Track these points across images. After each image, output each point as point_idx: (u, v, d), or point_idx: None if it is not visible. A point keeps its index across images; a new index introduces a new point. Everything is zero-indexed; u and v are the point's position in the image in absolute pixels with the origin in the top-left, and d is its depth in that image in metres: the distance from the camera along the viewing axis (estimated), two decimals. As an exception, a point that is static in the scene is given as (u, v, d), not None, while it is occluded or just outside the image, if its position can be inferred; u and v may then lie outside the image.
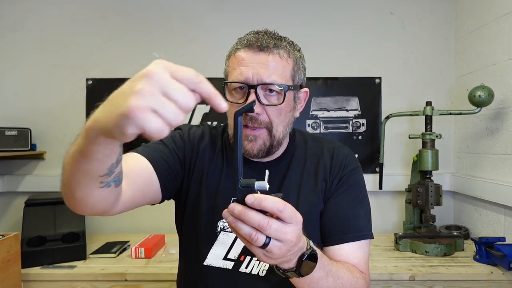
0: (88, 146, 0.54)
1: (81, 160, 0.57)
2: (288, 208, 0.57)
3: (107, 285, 1.45)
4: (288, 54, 0.87)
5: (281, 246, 0.58)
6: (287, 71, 0.87)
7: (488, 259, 1.47)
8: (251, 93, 0.83)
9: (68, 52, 2.05)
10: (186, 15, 2.06)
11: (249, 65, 0.84)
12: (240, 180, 0.57)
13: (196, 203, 0.94)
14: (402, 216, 1.99)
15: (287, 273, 0.68)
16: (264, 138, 0.87)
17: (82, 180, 0.61)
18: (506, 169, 1.63)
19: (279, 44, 0.86)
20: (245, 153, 0.88)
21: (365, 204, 0.96)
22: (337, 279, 0.77)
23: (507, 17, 1.62)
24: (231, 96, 0.88)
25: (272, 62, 0.84)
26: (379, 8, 2.05)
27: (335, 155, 0.97)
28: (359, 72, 2.06)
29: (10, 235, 1.38)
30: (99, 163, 0.58)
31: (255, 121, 0.85)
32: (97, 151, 0.55)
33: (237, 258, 0.92)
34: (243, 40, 0.87)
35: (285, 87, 0.85)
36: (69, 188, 0.65)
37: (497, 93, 1.65)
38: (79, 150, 0.56)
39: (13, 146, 1.85)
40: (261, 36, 0.86)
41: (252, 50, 0.85)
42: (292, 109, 0.92)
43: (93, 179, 0.61)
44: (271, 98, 0.86)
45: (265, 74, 0.83)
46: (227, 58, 0.92)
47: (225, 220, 0.58)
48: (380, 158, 1.93)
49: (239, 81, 0.84)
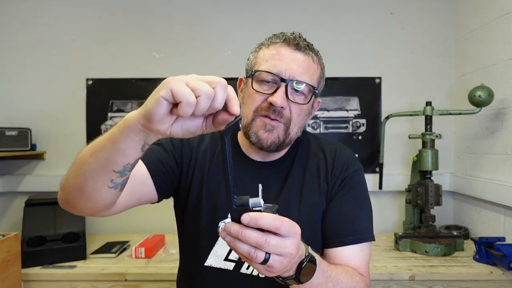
0: (120, 134, 0.59)
1: (107, 146, 0.61)
2: (285, 223, 0.57)
3: (107, 285, 1.45)
4: (319, 61, 0.92)
5: (282, 260, 0.58)
6: (316, 75, 0.90)
7: (488, 259, 1.47)
8: (282, 86, 0.85)
9: (68, 52, 2.05)
10: (186, 15, 2.06)
11: (284, 60, 0.86)
12: (234, 198, 0.56)
13: (197, 204, 0.94)
14: (402, 216, 1.99)
15: (286, 280, 0.67)
16: (280, 132, 0.88)
17: (98, 170, 0.64)
18: (506, 169, 1.63)
19: (313, 49, 0.91)
20: (258, 142, 0.88)
21: (367, 206, 0.96)
22: (336, 284, 0.77)
23: (507, 17, 1.62)
24: (258, 86, 0.88)
25: (306, 63, 0.88)
26: (379, 8, 2.05)
27: (337, 156, 0.97)
28: (359, 72, 2.06)
29: (10, 235, 1.38)
30: (120, 156, 0.61)
31: (278, 114, 0.86)
32: (125, 142, 0.59)
33: (238, 259, 0.92)
34: (280, 36, 0.90)
35: (314, 88, 0.88)
36: (79, 180, 0.67)
37: (497, 93, 1.65)
38: (109, 137, 0.61)
39: (13, 146, 1.85)
40: (297, 36, 0.90)
41: (289, 47, 0.88)
42: (309, 113, 0.94)
43: (108, 173, 0.63)
44: (296, 97, 0.87)
45: (297, 72, 0.86)
46: (257, 49, 0.93)
47: (223, 239, 0.58)
48: (380, 158, 1.93)
49: (272, 72, 0.86)
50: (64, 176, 0.71)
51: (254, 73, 0.88)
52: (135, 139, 0.59)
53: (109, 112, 2.05)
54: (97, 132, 2.03)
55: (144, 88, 2.04)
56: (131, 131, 0.58)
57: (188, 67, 2.05)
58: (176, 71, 2.04)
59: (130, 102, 2.04)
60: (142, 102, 0.58)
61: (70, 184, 0.69)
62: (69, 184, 0.69)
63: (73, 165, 0.69)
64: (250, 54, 0.94)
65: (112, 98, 2.05)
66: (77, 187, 0.67)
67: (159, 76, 2.04)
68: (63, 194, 0.72)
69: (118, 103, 2.05)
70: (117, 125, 0.60)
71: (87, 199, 0.68)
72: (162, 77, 2.13)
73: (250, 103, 0.88)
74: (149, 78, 2.04)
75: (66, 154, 2.05)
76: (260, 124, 0.87)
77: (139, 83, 2.05)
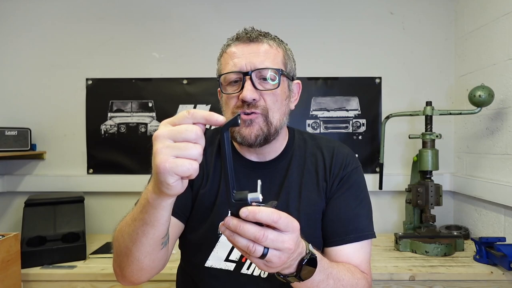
0: (154, 215, 0.66)
1: (148, 230, 0.69)
2: (283, 217, 0.57)
3: (107, 285, 1.45)
4: (277, 44, 0.92)
5: (280, 255, 0.58)
6: (279, 58, 0.90)
7: (488, 259, 1.47)
8: (246, 79, 0.84)
9: (68, 52, 2.05)
10: (186, 15, 2.06)
11: (241, 56, 0.87)
12: (233, 193, 0.57)
13: (197, 205, 0.94)
14: (402, 216, 1.99)
15: (287, 278, 0.67)
16: (260, 123, 0.87)
17: (149, 250, 0.73)
18: (506, 169, 1.63)
19: (267, 35, 0.91)
20: (243, 140, 0.88)
21: (366, 204, 0.96)
22: (337, 281, 0.77)
23: (507, 17, 1.62)
24: (229, 88, 0.89)
25: (263, 50, 0.88)
26: (379, 8, 2.05)
27: (335, 154, 0.97)
28: (359, 72, 2.06)
29: (10, 235, 1.38)
30: (163, 226, 0.70)
31: (252, 106, 0.86)
32: (161, 216, 0.67)
33: (238, 259, 0.92)
34: (233, 37, 0.91)
35: (279, 71, 0.87)
36: (134, 263, 0.75)
37: (497, 93, 1.65)
38: (146, 223, 0.68)
39: (13, 146, 1.85)
40: (248, 30, 0.91)
41: (242, 43, 0.89)
42: (287, 97, 0.93)
43: (158, 243, 0.72)
44: (266, 85, 0.87)
45: (257, 61, 0.86)
46: (219, 57, 0.94)
47: (222, 233, 0.59)
48: (380, 158, 1.93)
49: (233, 71, 0.86)
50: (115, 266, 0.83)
51: (219, 79, 0.90)
52: (169, 208, 0.67)
53: (109, 112, 2.05)
54: (97, 132, 2.04)
55: (144, 88, 2.04)
56: (161, 208, 0.65)
57: (188, 67, 2.05)
58: (176, 71, 2.05)
59: (130, 102, 2.04)
60: (142, 102, 0.60)
61: (124, 267, 0.79)
62: (122, 268, 0.79)
63: (118, 255, 0.79)
64: (217, 62, 0.95)
65: (112, 98, 2.05)
66: (135, 269, 0.77)
67: (159, 76, 2.04)
68: (123, 272, 0.81)
69: (118, 103, 2.05)
70: (145, 210, 0.67)
71: (149, 270, 0.79)
72: (162, 77, 2.14)
73: (227, 107, 0.89)
74: (149, 78, 2.04)
75: (66, 154, 2.06)
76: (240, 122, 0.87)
77: (139, 83, 2.04)
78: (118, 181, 2.03)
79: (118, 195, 2.04)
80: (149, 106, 2.04)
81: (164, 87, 2.05)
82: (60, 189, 1.99)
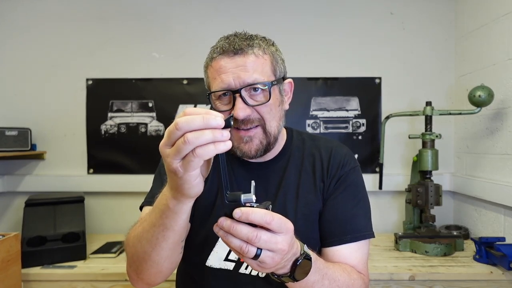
0: (175, 220, 0.69)
1: (169, 235, 0.71)
2: (275, 219, 0.57)
3: (107, 285, 1.45)
4: (263, 51, 0.87)
5: (274, 256, 0.59)
6: (267, 67, 0.87)
7: (488, 259, 1.47)
8: (237, 97, 0.83)
9: (68, 52, 2.05)
10: (186, 15, 2.06)
11: (228, 71, 0.83)
12: (227, 194, 0.58)
13: (197, 205, 0.94)
14: (402, 216, 1.99)
15: (281, 278, 0.68)
16: (259, 137, 0.87)
17: (169, 253, 0.75)
18: (506, 169, 1.63)
19: (252, 44, 0.86)
20: (243, 155, 0.88)
21: (365, 203, 0.96)
22: (333, 281, 0.77)
23: (507, 17, 1.62)
24: (219, 103, 0.87)
25: (250, 63, 0.84)
26: (379, 8, 2.05)
27: (333, 154, 0.96)
28: (359, 72, 2.06)
29: (10, 235, 1.38)
30: (183, 230, 0.73)
31: (247, 122, 0.85)
32: (182, 220, 0.70)
33: (237, 259, 0.92)
34: (216, 48, 0.87)
35: (269, 84, 0.84)
36: (153, 267, 0.77)
37: (497, 93, 1.65)
38: (167, 228, 0.71)
39: (13, 146, 1.86)
40: (232, 40, 0.86)
41: (227, 56, 0.84)
42: (280, 103, 0.91)
43: (177, 246, 0.75)
44: (257, 97, 0.85)
45: (245, 76, 0.83)
46: (205, 69, 0.92)
47: (217, 234, 0.60)
48: (380, 158, 1.93)
49: (222, 89, 0.84)
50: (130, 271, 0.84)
51: (208, 96, 0.88)
52: (189, 210, 0.70)
53: (109, 112, 2.05)
54: (97, 132, 2.04)
55: (144, 88, 2.04)
56: (183, 212, 0.68)
57: (188, 67, 2.05)
58: (176, 71, 2.05)
59: (130, 102, 2.04)
60: (142, 102, 0.60)
61: (142, 272, 0.80)
62: (139, 273, 0.81)
63: (136, 261, 0.80)
64: (204, 73, 0.93)
65: (112, 98, 2.05)
66: (154, 273, 0.79)
67: (159, 76, 2.04)
68: (139, 275, 0.82)
69: (118, 103, 2.05)
70: (166, 215, 0.69)
71: (168, 273, 0.82)
72: (162, 77, 2.14)
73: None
74: (149, 78, 2.04)
75: (66, 154, 2.06)
76: (237, 138, 0.86)
77: (139, 83, 2.05)
78: (118, 181, 2.03)
79: (118, 195, 2.04)
80: (149, 106, 2.04)
81: (164, 87, 2.05)
82: (60, 189, 1.99)
